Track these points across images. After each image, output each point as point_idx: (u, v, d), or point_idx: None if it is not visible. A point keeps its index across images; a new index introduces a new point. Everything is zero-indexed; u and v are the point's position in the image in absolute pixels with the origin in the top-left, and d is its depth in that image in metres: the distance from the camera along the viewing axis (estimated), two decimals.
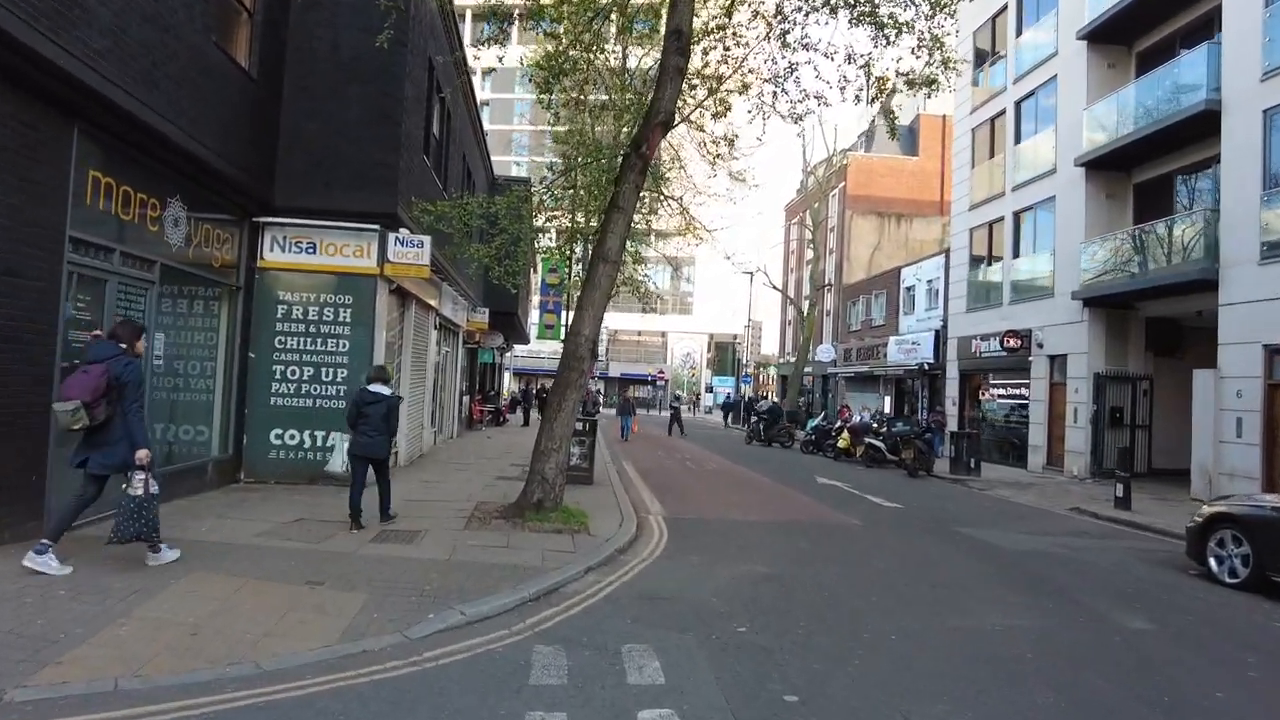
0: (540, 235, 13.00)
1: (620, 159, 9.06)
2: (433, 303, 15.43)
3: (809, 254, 42.62)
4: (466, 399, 24.08)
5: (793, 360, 44.57)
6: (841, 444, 22.60)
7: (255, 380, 10.53)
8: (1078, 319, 19.09)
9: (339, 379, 10.66)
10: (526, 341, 40.32)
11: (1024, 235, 22.23)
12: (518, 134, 57.49)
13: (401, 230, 10.88)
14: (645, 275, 14.47)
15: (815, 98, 10.48)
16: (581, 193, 12.77)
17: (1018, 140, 22.59)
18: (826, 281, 36.74)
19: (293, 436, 10.56)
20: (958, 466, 19.21)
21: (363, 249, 10.75)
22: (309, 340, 10.64)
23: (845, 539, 9.67)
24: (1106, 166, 18.81)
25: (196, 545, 6.60)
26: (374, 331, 10.74)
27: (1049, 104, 21.06)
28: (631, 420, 21.36)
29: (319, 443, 10.59)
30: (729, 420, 42.44)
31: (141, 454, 5.54)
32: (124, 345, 5.70)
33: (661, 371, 56.00)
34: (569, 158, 10.71)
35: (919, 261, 29.65)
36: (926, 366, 26.79)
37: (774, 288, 40.70)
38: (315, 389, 10.63)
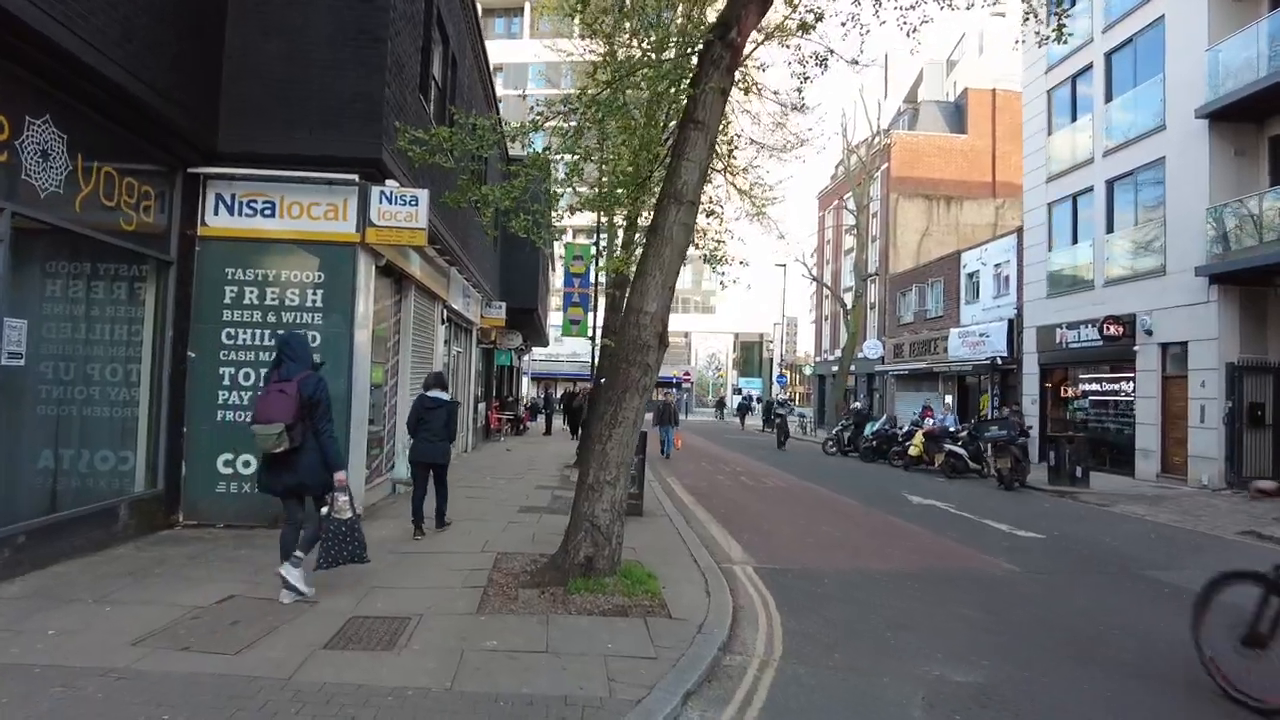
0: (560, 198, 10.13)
1: (696, 51, 6.20)
2: (439, 292, 12.69)
3: (847, 243, 39.62)
4: (482, 406, 21.36)
5: (830, 359, 41.59)
6: (913, 451, 19.68)
7: (197, 388, 7.82)
8: (1201, 299, 16.04)
9: None
10: (545, 343, 37.63)
11: (1120, 206, 19.20)
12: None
13: (389, 183, 8.13)
14: (723, 232, 11.45)
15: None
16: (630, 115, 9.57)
17: (1109, 98, 19.58)
18: (872, 271, 33.72)
19: (248, 464, 7.82)
20: (1059, 476, 16.24)
21: (337, 208, 8.01)
22: (268, 333, 7.91)
23: (1019, 599, 6.79)
24: (1235, 118, 15.78)
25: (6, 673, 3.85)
26: (353, 319, 7.99)
27: (1152, 51, 18.05)
28: (674, 432, 17.93)
29: None
30: (744, 422, 41.25)
31: (340, 475, 5.37)
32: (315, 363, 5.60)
33: (687, 374, 53.13)
34: (612, 71, 7.79)
35: (984, 244, 26.62)
36: (999, 361, 23.76)
37: (814, 279, 37.71)
38: None
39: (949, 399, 28.18)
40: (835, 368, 39.90)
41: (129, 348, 7.24)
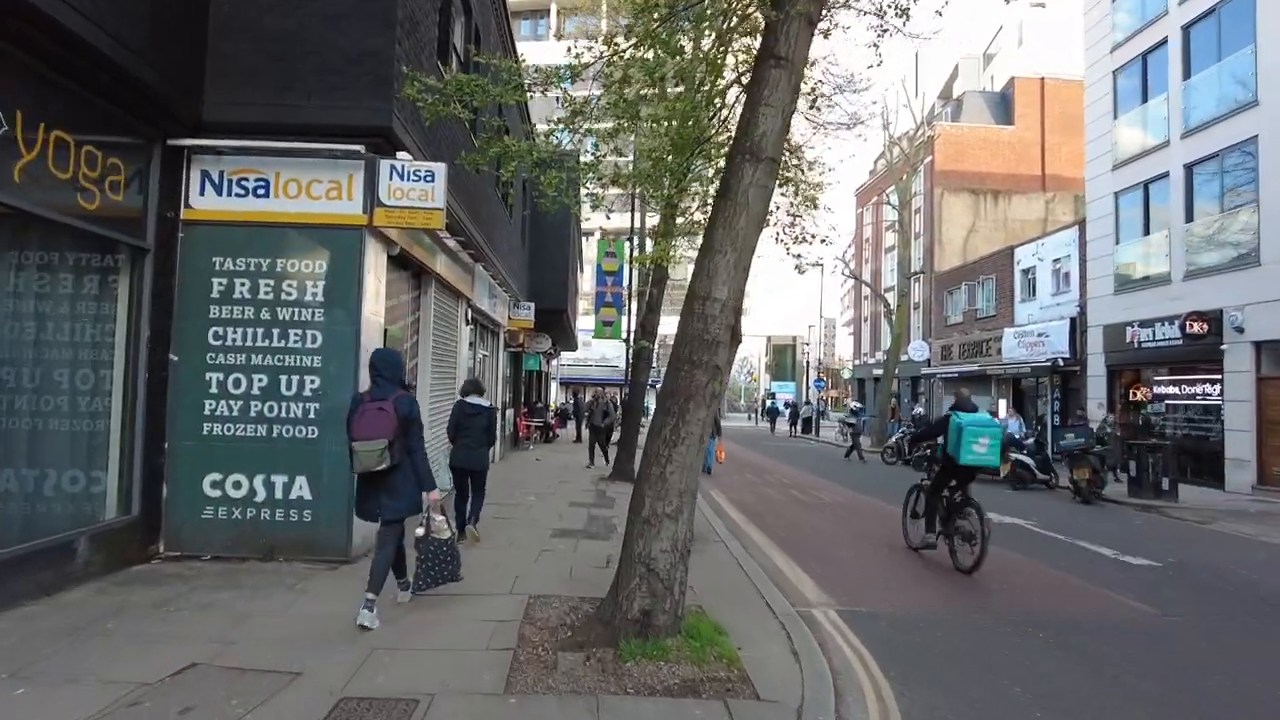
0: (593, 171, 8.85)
1: None
2: (463, 289, 11.55)
3: (888, 240, 38.02)
4: (510, 413, 20.22)
5: (870, 361, 39.96)
6: None
7: (180, 397, 6.70)
8: None
9: (309, 391, 6.77)
10: (574, 347, 36.51)
11: (1202, 192, 17.55)
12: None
13: (401, 156, 6.96)
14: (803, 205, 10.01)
15: None
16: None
17: (1187, 75, 17.95)
18: (917, 269, 32.11)
19: (238, 485, 6.69)
20: (1141, 489, 14.71)
21: (340, 186, 6.86)
22: (262, 332, 6.79)
23: (1186, 658, 5.40)
24: None
25: None
26: (360, 316, 6.82)
27: (1240, 20, 16.42)
28: (716, 443, 15.31)
29: (281, 492, 6.70)
30: (775, 427, 40.66)
31: (434, 495, 5.27)
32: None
33: None
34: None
35: (1040, 239, 24.98)
36: (1061, 362, 22.12)
37: (855, 278, 36.14)
38: (274, 407, 6.76)
39: (1004, 402, 26.53)
40: (878, 371, 38.30)
41: (98, 350, 6.14)
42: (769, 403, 47.07)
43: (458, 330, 11.76)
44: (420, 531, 5.33)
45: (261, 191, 6.83)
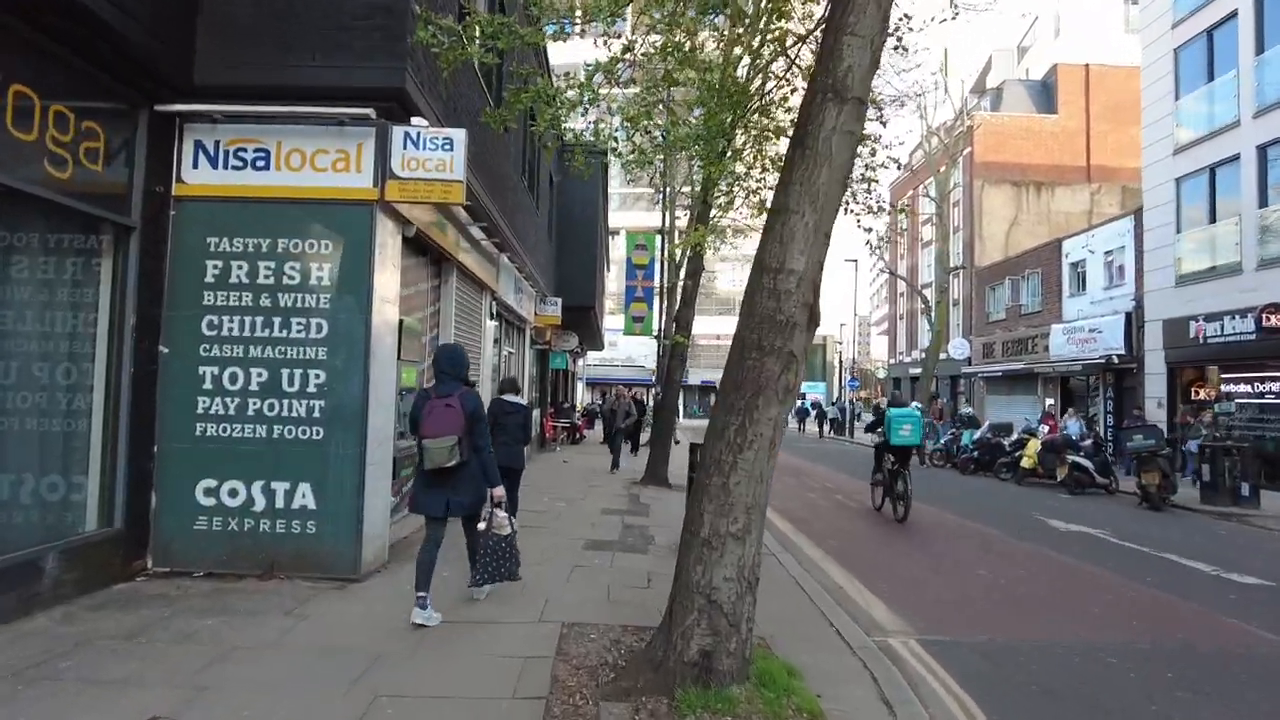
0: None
1: None
2: (487, 280, 10.78)
3: (925, 234, 36.80)
4: (537, 413, 19.46)
5: (906, 360, 38.74)
6: (1026, 462, 17.12)
7: (171, 394, 5.98)
8: None
9: (314, 387, 6.02)
10: (601, 347, 35.79)
11: (1278, 174, 16.32)
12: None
13: (416, 122, 6.19)
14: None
15: None
16: None
17: (1260, 49, 16.71)
18: (956, 264, 30.91)
19: (235, 492, 5.96)
20: (1217, 494, 13.57)
21: (349, 156, 6.11)
22: (262, 321, 6.05)
23: None
24: None
25: None
26: (370, 304, 6.06)
27: None
28: None
29: (283, 501, 5.96)
30: (803, 427, 40.59)
31: (498, 491, 5.26)
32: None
33: None
34: None
35: (1090, 230, 23.73)
36: (1115, 359, 20.89)
37: (892, 274, 34.95)
38: (275, 405, 6.02)
39: (1050, 402, 25.30)
40: (915, 370, 37.08)
41: (77, 340, 5.44)
42: (799, 403, 45.98)
43: (481, 324, 11.00)
44: (482, 526, 5.29)
45: (261, 163, 6.09)
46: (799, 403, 47.02)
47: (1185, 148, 18.75)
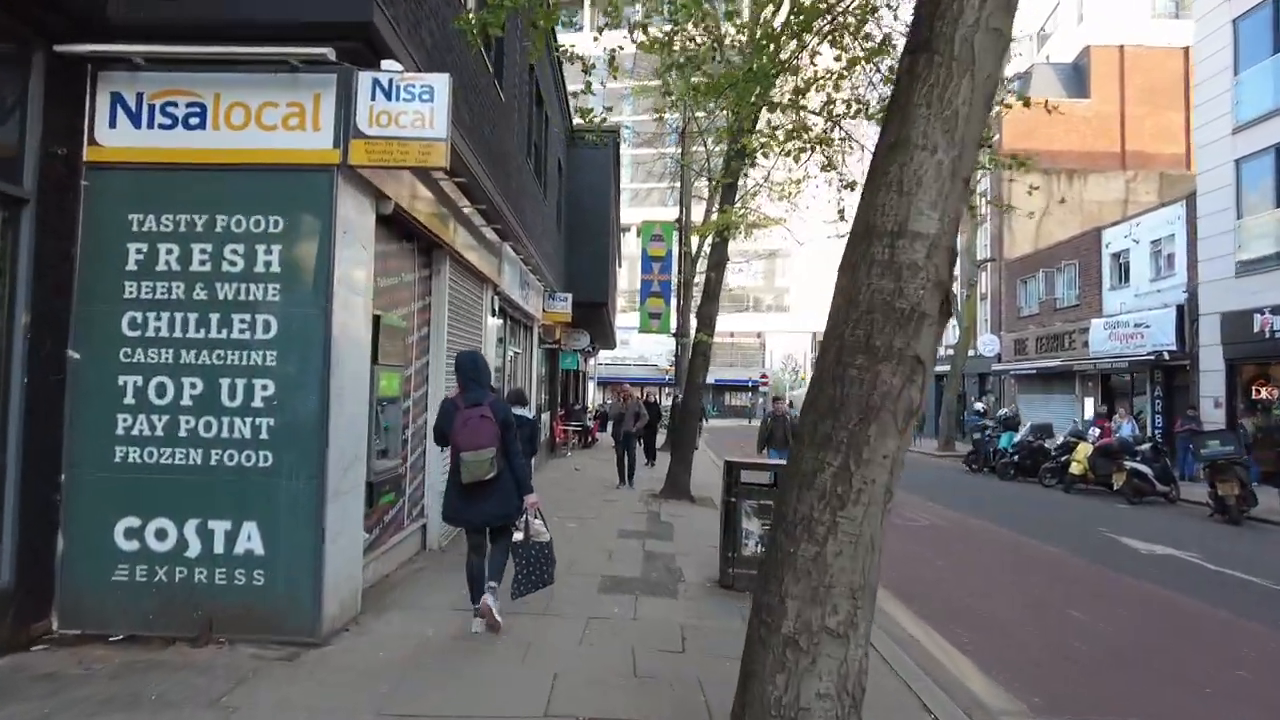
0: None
1: None
2: (488, 271, 9.53)
3: None
4: (546, 416, 18.22)
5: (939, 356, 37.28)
6: (1076, 468, 15.76)
7: (82, 409, 4.76)
8: None
9: (260, 400, 4.77)
10: (613, 345, 34.54)
11: None
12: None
13: (387, 65, 4.94)
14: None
15: None
16: None
17: None
18: (988, 256, 29.45)
19: (163, 534, 4.73)
20: None
21: (303, 111, 4.86)
22: (196, 319, 4.81)
23: None
24: None
25: None
26: (330, 293, 4.80)
27: None
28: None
29: (223, 544, 4.72)
30: None
31: (532, 498, 5.17)
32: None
33: (765, 376, 49.20)
34: None
35: (1135, 217, 22.27)
36: (1165, 355, 19.46)
37: None
38: (212, 424, 4.78)
39: (1090, 401, 23.89)
40: (940, 368, 35.59)
41: None
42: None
43: (482, 322, 9.75)
44: (519, 536, 5.11)
45: (195, 121, 4.85)
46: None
47: (1246, 126, 17.31)
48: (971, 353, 29.26)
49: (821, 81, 7.68)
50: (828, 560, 2.57)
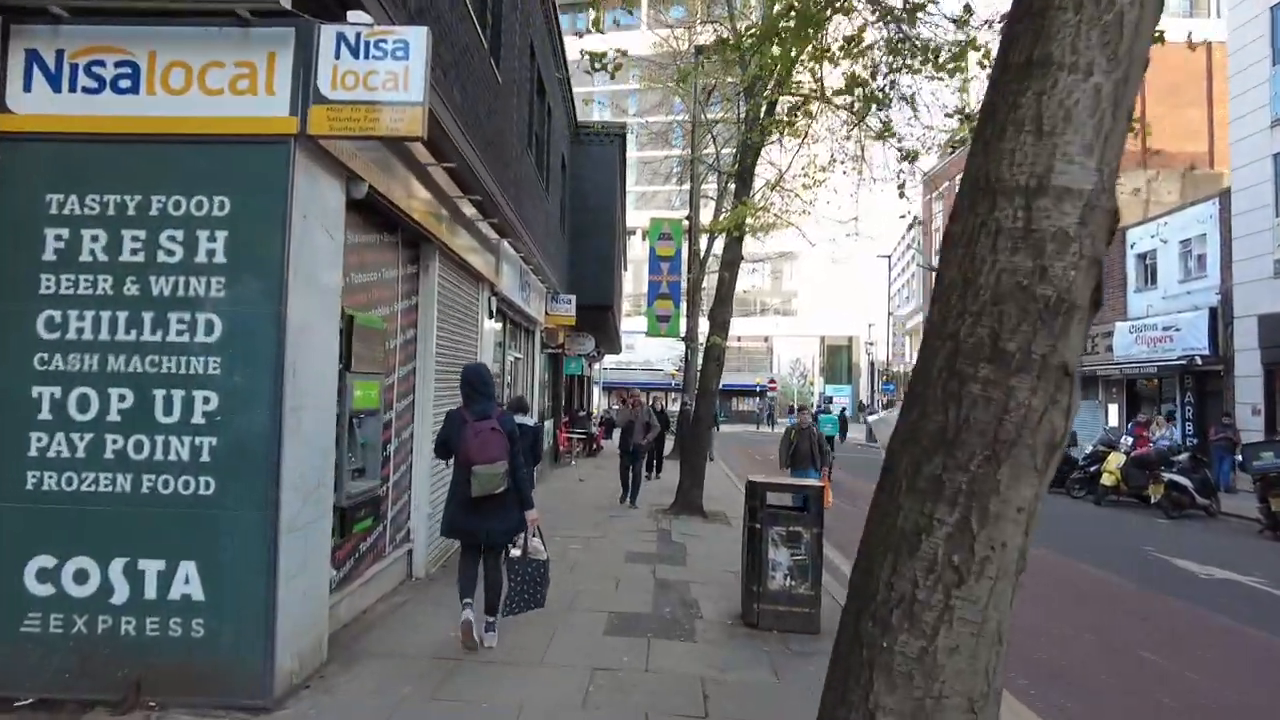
0: None
1: None
2: (484, 270, 8.77)
3: None
4: (549, 424, 17.44)
5: None
6: (1108, 479, 14.90)
7: None
8: None
9: (201, 416, 3.98)
10: (618, 350, 33.85)
11: None
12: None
13: (354, 17, 4.17)
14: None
15: None
16: None
17: None
18: None
19: (83, 576, 3.94)
20: None
21: (253, 72, 4.08)
22: (126, 318, 4.04)
23: None
24: None
25: None
26: (284, 288, 4.02)
27: None
28: (820, 476, 9.10)
29: (156, 588, 3.94)
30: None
31: (534, 515, 5.08)
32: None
33: (773, 382, 48.39)
34: None
35: (1163, 216, 21.45)
36: (1198, 360, 18.59)
37: (931, 269, 32.59)
38: (143, 444, 3.99)
39: (1114, 408, 23.02)
40: None
41: None
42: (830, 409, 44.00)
43: (478, 324, 8.97)
44: (516, 552, 5.03)
45: (126, 84, 4.09)
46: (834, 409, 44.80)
47: None
48: None
49: (880, 23, 6.89)
50: (938, 659, 1.78)
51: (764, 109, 10.27)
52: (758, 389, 48.37)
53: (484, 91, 7.77)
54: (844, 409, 42.67)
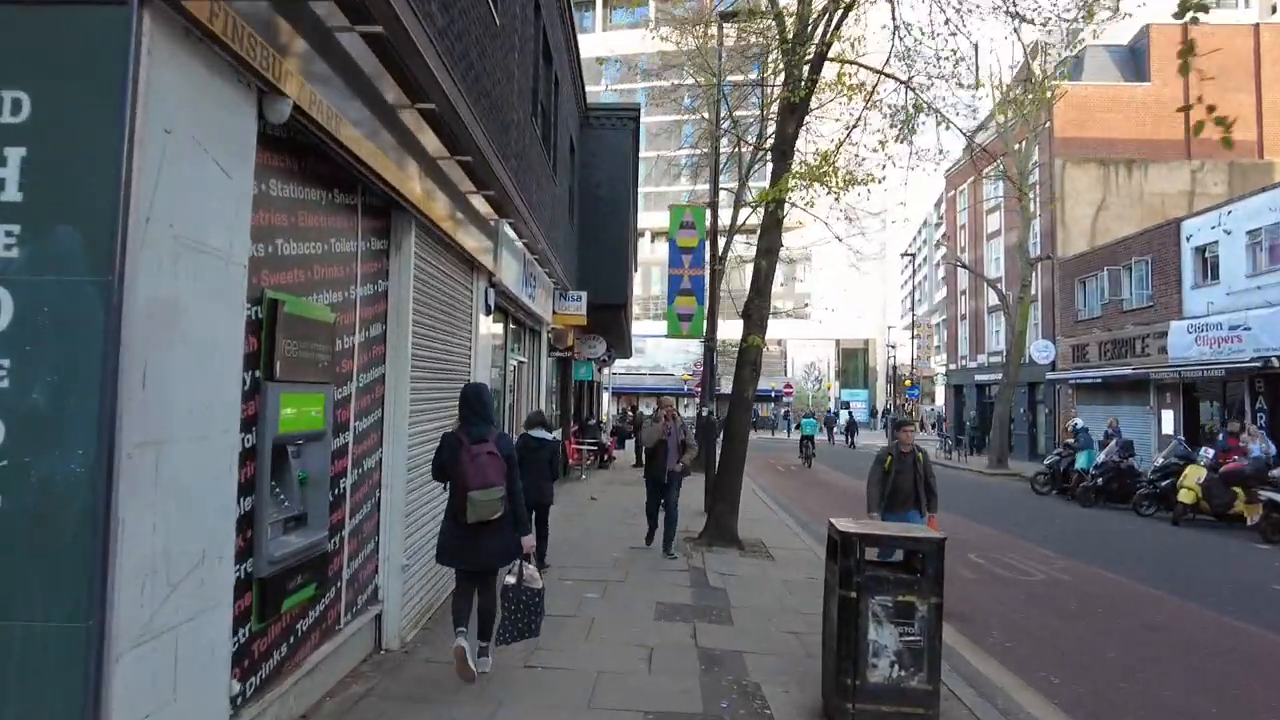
0: None
1: None
2: (477, 254, 7.16)
3: (990, 224, 32.78)
4: (557, 434, 15.81)
5: (970, 365, 34.70)
6: (1187, 496, 13.21)
7: None
8: None
9: None
10: (629, 354, 32.23)
11: None
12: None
13: None
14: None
15: None
16: None
17: None
18: (1043, 254, 26.81)
19: None
20: None
21: None
22: None
23: None
24: None
25: None
26: (124, 245, 2.40)
27: None
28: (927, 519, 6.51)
29: None
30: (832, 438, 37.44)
31: (529, 541, 4.92)
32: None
33: (789, 386, 46.66)
34: None
35: (1226, 205, 19.66)
36: (1276, 362, 16.81)
37: (964, 266, 30.82)
38: None
39: (1169, 415, 21.24)
40: (981, 377, 32.98)
41: None
42: (843, 413, 42.70)
43: (471, 320, 7.36)
44: (510, 580, 4.75)
45: None
46: (844, 414, 43.24)
47: None
48: (1022, 360, 26.66)
49: None
50: None
51: (810, 61, 8.70)
52: (772, 394, 46.61)
53: (474, 25, 6.18)
54: (851, 413, 41.82)
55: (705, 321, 13.82)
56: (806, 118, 9.67)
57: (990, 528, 12.54)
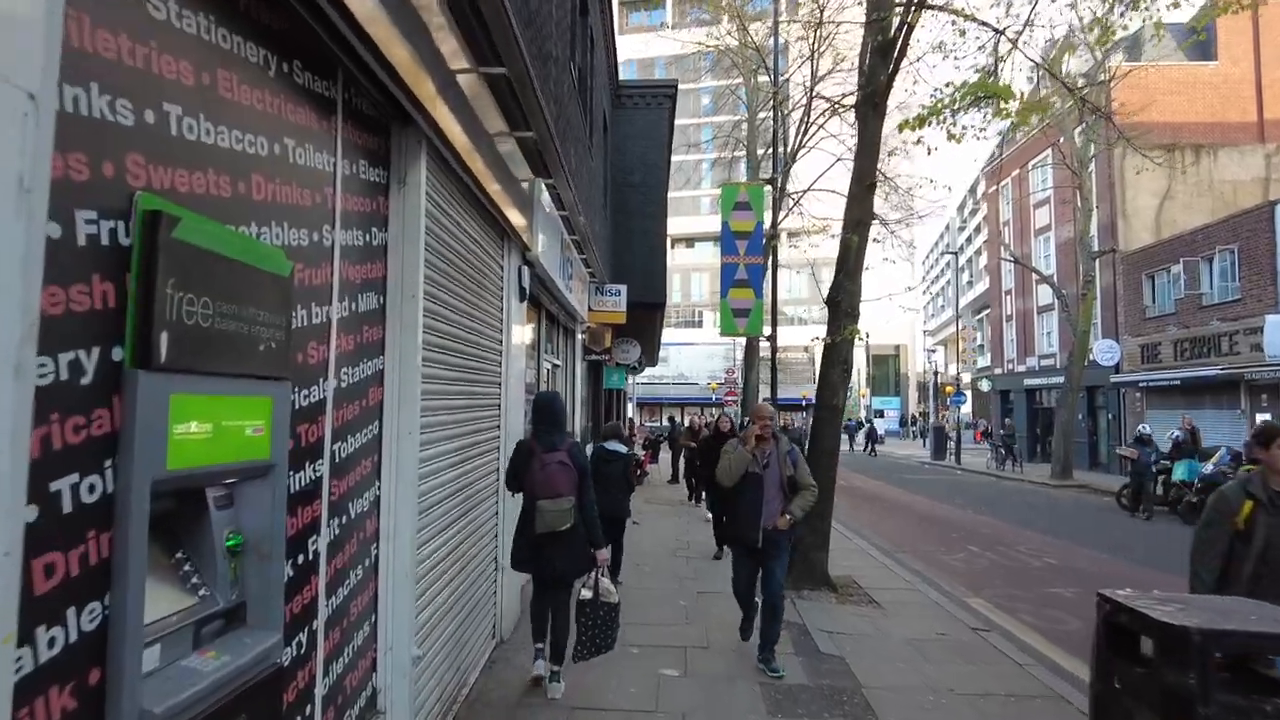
0: None
1: None
2: (512, 216, 5.42)
3: (1039, 219, 30.77)
4: (589, 448, 14.05)
5: (1019, 370, 32.62)
6: None
7: None
8: None
9: None
10: (655, 362, 30.48)
11: None
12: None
13: None
14: None
15: None
16: None
17: None
18: (1106, 247, 24.79)
19: None
20: None
21: None
22: None
23: None
24: None
25: None
26: None
27: None
28: None
29: None
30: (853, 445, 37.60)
31: (603, 554, 4.79)
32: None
33: None
34: None
35: None
36: None
37: (1018, 262, 28.69)
38: None
39: (1262, 419, 19.11)
40: (1031, 381, 30.89)
41: None
42: (865, 423, 41.77)
43: (503, 304, 5.63)
44: (587, 594, 4.66)
45: None
46: (879, 422, 41.32)
47: None
48: (1084, 362, 24.65)
49: None
50: None
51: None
52: (802, 402, 44.59)
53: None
54: (873, 424, 41.64)
55: (764, 316, 12.02)
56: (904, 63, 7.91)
57: (1112, 558, 10.61)
